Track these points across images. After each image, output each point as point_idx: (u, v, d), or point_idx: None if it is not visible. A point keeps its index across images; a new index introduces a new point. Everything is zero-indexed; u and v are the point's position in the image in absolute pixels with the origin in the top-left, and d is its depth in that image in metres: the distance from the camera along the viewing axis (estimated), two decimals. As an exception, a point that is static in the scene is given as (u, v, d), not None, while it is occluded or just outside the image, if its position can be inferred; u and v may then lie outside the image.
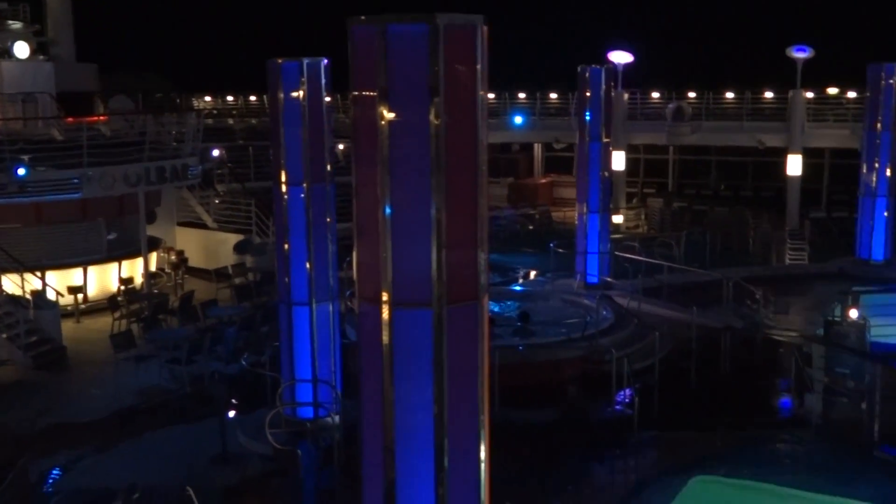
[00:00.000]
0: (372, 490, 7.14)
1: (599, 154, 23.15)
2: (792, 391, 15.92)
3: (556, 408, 15.38)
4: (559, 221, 32.99)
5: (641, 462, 13.74)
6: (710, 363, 17.27)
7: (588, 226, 23.29)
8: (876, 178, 25.58)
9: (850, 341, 17.18)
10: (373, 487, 7.12)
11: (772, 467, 13.38)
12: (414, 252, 6.76)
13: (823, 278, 24.73)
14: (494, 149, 38.24)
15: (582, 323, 18.20)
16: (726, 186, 37.36)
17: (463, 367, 6.96)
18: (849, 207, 28.60)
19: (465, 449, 7.05)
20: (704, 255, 26.05)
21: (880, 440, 13.70)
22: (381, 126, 6.73)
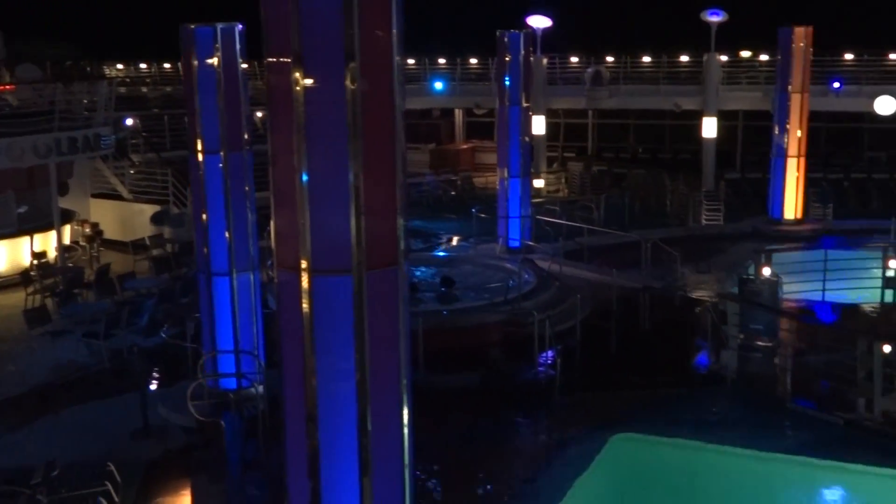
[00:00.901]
0: (295, 458, 7.13)
1: (519, 119, 23.26)
2: (709, 348, 16.32)
3: (479, 371, 15.52)
4: (481, 187, 33.09)
5: (564, 422, 13.95)
6: (629, 323, 17.62)
7: (509, 190, 23.45)
8: (787, 139, 26.25)
9: (764, 298, 17.68)
10: (296, 456, 7.11)
11: (690, 423, 13.72)
12: (332, 219, 6.72)
13: (738, 238, 25.37)
14: (415, 115, 38.10)
15: (504, 287, 18.36)
16: (644, 149, 37.90)
17: (384, 332, 6.97)
18: (761, 168, 29.29)
19: (387, 415, 7.08)
20: (623, 217, 26.48)
21: (793, 393, 14.15)
22: (297, 92, 6.64)
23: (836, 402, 13.86)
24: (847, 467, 12.42)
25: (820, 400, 14.06)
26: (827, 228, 25.95)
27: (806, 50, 25.82)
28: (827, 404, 13.87)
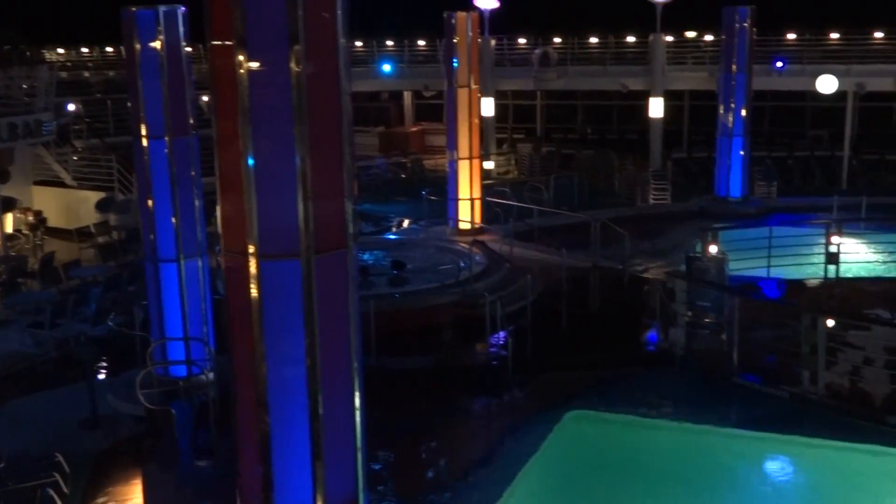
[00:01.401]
0: (246, 445, 7.09)
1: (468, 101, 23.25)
2: (658, 326, 16.51)
3: (432, 353, 15.54)
4: (431, 169, 33.05)
5: (517, 402, 14.05)
6: (580, 303, 17.76)
7: (459, 173, 23.44)
8: (732, 119, 26.57)
9: (711, 275, 17.91)
10: (247, 442, 7.07)
11: (641, 400, 13.91)
12: (279, 203, 6.67)
13: (685, 216, 25.68)
14: (363, 97, 37.90)
15: (455, 269, 18.38)
16: (592, 130, 38.13)
17: (334, 316, 6.94)
18: (708, 147, 29.64)
19: (339, 399, 7.06)
20: (573, 197, 26.64)
21: (740, 368, 14.38)
22: (241, 76, 6.57)
23: (782, 376, 14.13)
24: (792, 440, 12.69)
25: (766, 374, 14.31)
26: (772, 206, 26.38)
27: (749, 30, 26.12)
28: (773, 379, 14.13)
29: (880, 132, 33.26)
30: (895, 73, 29.13)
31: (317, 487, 6.97)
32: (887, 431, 12.57)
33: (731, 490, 11.94)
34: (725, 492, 11.85)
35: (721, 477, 12.20)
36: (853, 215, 23.52)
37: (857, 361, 14.63)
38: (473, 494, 11.13)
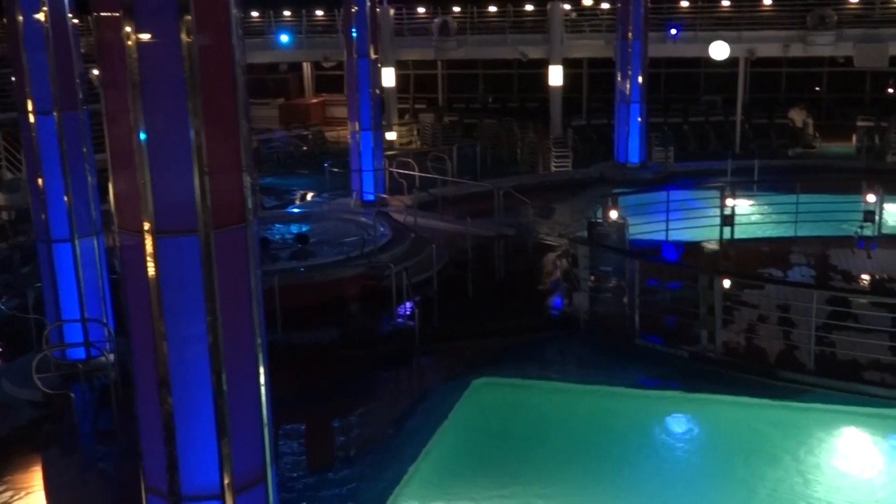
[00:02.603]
0: (149, 426, 6.95)
1: (368, 71, 23.07)
2: (561, 292, 16.78)
3: (339, 326, 15.47)
4: (333, 141, 32.76)
5: (425, 372, 14.13)
6: (485, 271, 17.90)
7: (361, 144, 23.32)
8: (629, 86, 27.05)
9: (612, 240, 18.27)
10: (150, 424, 6.93)
11: (547, 364, 14.15)
12: (174, 178, 6.50)
13: (586, 183, 26.10)
14: (261, 69, 37.22)
15: (360, 240, 18.30)
16: (494, 99, 38.28)
17: (235, 293, 6.83)
18: (607, 114, 30.10)
19: (243, 376, 6.97)
20: (476, 166, 26.76)
21: (641, 330, 14.73)
22: (129, 48, 6.35)
23: (682, 336, 14.54)
24: (692, 397, 13.10)
25: (666, 335, 14.71)
26: (669, 171, 27.00)
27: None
28: (673, 339, 14.53)
29: (770, 97, 34.30)
30: (783, 38, 30.00)
31: (223, 465, 6.89)
32: (780, 386, 13.08)
33: (636, 448, 12.25)
34: (631, 449, 12.15)
35: (626, 435, 12.51)
36: (746, 178, 24.27)
37: (752, 319, 15.18)
38: (384, 464, 11.17)
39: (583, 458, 11.85)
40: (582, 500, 10.97)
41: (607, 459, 11.79)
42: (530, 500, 10.90)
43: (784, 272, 18.28)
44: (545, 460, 11.80)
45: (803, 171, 26.23)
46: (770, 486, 11.11)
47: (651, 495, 11.10)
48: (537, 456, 11.90)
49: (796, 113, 30.87)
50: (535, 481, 11.24)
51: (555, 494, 10.99)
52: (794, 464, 11.58)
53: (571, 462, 11.76)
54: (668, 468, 11.95)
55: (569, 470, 11.57)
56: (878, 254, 19.21)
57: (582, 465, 11.66)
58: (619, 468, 11.64)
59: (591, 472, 11.52)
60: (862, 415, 12.42)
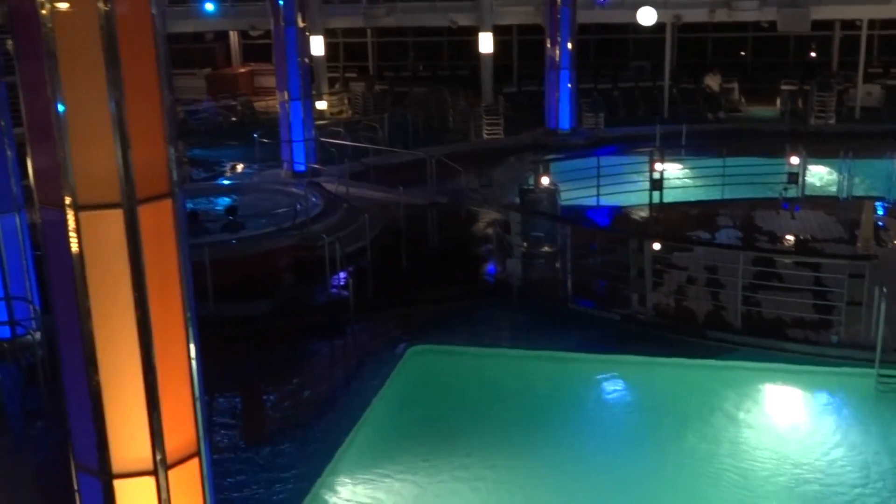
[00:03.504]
0: (78, 403, 6.82)
1: (296, 40, 22.73)
2: (495, 258, 16.87)
3: (272, 298, 15.36)
4: (262, 111, 32.27)
5: (360, 341, 14.12)
6: (419, 240, 17.91)
7: (291, 114, 23.00)
8: (559, 52, 27.13)
9: (544, 206, 18.42)
10: (78, 401, 6.80)
11: (481, 331, 14.26)
12: (95, 151, 6.35)
13: (518, 150, 26.18)
14: (186, 38, 36.41)
15: (292, 211, 18.14)
16: (424, 67, 38.08)
17: (162, 267, 6.71)
18: (537, 81, 30.15)
19: (173, 350, 6.88)
20: (407, 135, 26.65)
21: (573, 294, 14.92)
22: (44, 16, 6.15)
23: (613, 299, 14.76)
24: (624, 359, 13.33)
25: (598, 299, 14.92)
26: (599, 136, 27.22)
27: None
28: (604, 302, 14.74)
29: (697, 62, 34.73)
30: (709, 4, 30.32)
31: (155, 441, 6.81)
32: (709, 345, 13.38)
33: (570, 411, 12.45)
34: (565, 413, 12.34)
35: (560, 399, 12.69)
36: (674, 143, 24.61)
37: (681, 281, 15.47)
38: (320, 435, 11.17)
39: (518, 422, 12.00)
40: (518, 463, 11.12)
41: (542, 423, 11.96)
42: (468, 465, 11.01)
43: (712, 234, 18.65)
44: (481, 426, 11.92)
45: (729, 135, 26.68)
46: (701, 443, 11.40)
47: (587, 457, 11.31)
48: (474, 422, 12.02)
49: (712, 78, 31.33)
50: (473, 447, 11.36)
51: (492, 459, 11.12)
52: (723, 421, 11.89)
53: (507, 427, 11.90)
54: (602, 430, 12.18)
55: (505, 435, 11.72)
56: (801, 214, 19.69)
57: (517, 430, 11.81)
58: (554, 431, 11.83)
59: (526, 436, 11.68)
60: (787, 371, 12.79)
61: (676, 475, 10.83)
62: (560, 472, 10.97)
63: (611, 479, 10.77)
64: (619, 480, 10.71)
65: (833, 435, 11.58)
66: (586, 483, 10.71)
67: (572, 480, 10.79)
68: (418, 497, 10.51)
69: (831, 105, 28.50)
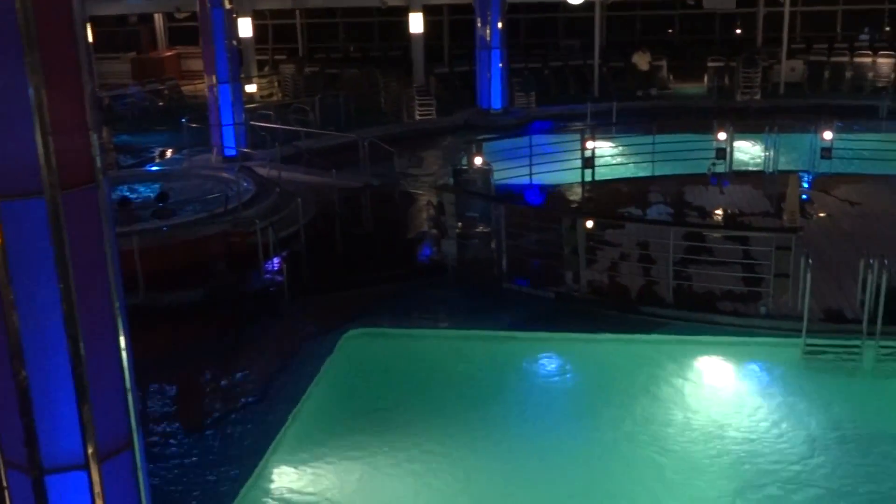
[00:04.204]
0: (3, 400, 6.65)
1: (223, 21, 22.37)
2: (430, 240, 16.87)
3: (205, 285, 15.14)
4: (191, 95, 31.76)
5: (296, 327, 14.00)
6: (353, 223, 17.82)
7: (220, 97, 22.68)
8: (490, 32, 27.16)
9: (477, 186, 18.46)
10: (4, 396, 6.63)
11: (418, 313, 14.25)
12: (15, 138, 6.17)
13: (451, 130, 26.19)
14: (109, 22, 35.61)
15: (223, 197, 17.90)
16: (355, 48, 37.80)
17: (88, 256, 6.57)
18: (468, 61, 30.16)
19: (102, 341, 6.74)
20: (339, 117, 26.47)
21: (509, 273, 14.99)
22: (-45, -1, 5.94)
23: (547, 277, 14.87)
24: (560, 336, 13.46)
25: (533, 277, 15.01)
26: (531, 116, 27.35)
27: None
28: (539, 281, 14.85)
29: (626, 40, 35.07)
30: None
31: (86, 434, 6.67)
32: (643, 320, 13.58)
33: (507, 390, 12.53)
34: (502, 392, 12.42)
35: (498, 378, 12.77)
36: (605, 121, 24.85)
37: (614, 258, 15.65)
38: (257, 423, 11.08)
39: (457, 403, 12.05)
40: (458, 444, 11.16)
41: (480, 403, 12.02)
42: (407, 448, 11.02)
43: (643, 211, 18.89)
44: (420, 408, 11.94)
45: (659, 112, 27.03)
46: (637, 417, 11.58)
47: (527, 436, 11.39)
48: (412, 405, 12.03)
49: (639, 57, 31.68)
50: (412, 430, 11.37)
51: (432, 442, 11.14)
52: (658, 394, 12.09)
53: (446, 408, 11.93)
54: (540, 408, 12.27)
55: (444, 416, 11.75)
56: (729, 189, 20.06)
57: (456, 411, 11.85)
58: (493, 411, 11.89)
59: (465, 416, 11.72)
60: (718, 343, 13.04)
61: (614, 449, 10.98)
62: (501, 452, 11.04)
63: (550, 456, 10.88)
64: (558, 457, 10.83)
65: (763, 404, 11.85)
66: (527, 461, 10.80)
67: (513, 460, 10.87)
68: (358, 483, 10.49)
69: (757, 81, 29.07)
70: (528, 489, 10.32)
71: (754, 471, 10.44)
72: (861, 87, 29.82)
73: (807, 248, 13.61)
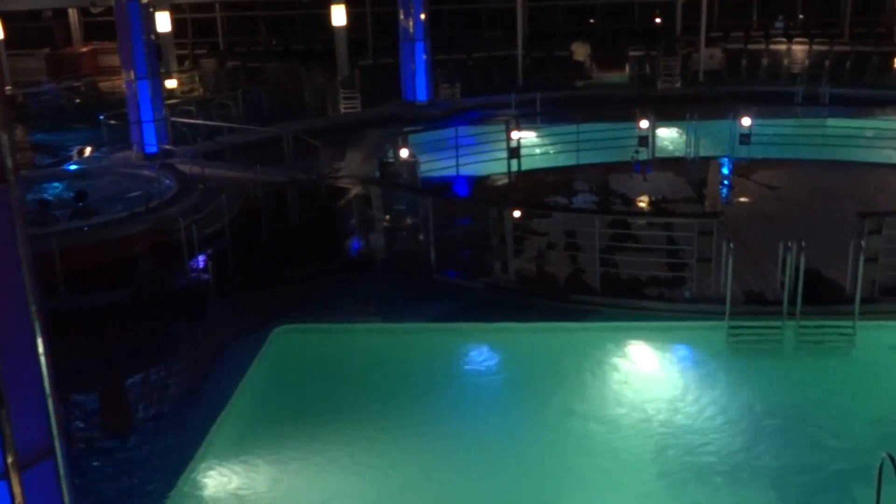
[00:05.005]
0: (-85, 411, 6.40)
1: (140, 16, 21.88)
2: (358, 234, 16.77)
3: (128, 285, 14.81)
4: (109, 92, 30.98)
5: (224, 325, 13.81)
6: (279, 218, 17.61)
7: (139, 94, 22.21)
8: (413, 24, 27.07)
9: (404, 179, 18.43)
10: (-85, 408, 6.38)
11: (346, 307, 14.15)
12: (-82, 139, 5.92)
13: (377, 123, 26.05)
14: (21, 17, 34.57)
15: (145, 195, 17.53)
16: (277, 41, 37.36)
17: (1, 259, 6.34)
18: (392, 53, 30.03)
19: (18, 347, 6.51)
20: (262, 112, 26.15)
21: (437, 265, 14.98)
22: None
23: (477, 268, 14.90)
24: (488, 326, 13.51)
25: (462, 268, 15.04)
26: (456, 107, 27.37)
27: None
28: (468, 272, 14.87)
29: (548, 30, 35.31)
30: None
31: (5, 443, 6.45)
32: (571, 308, 13.70)
33: (438, 381, 12.53)
34: (434, 384, 12.41)
35: (429, 370, 12.75)
36: (529, 110, 25.02)
37: (541, 247, 15.77)
38: (185, 424, 10.89)
39: (388, 397, 12.01)
40: (388, 439, 11.12)
41: (412, 396, 12.00)
42: (338, 444, 10.94)
43: (569, 199, 19.08)
44: (352, 403, 11.87)
45: (582, 101, 27.30)
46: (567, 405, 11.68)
47: (455, 427, 11.41)
48: (344, 400, 11.95)
49: (579, 46, 31.99)
50: (344, 426, 11.29)
51: (362, 437, 11.08)
52: (587, 381, 12.22)
53: (377, 402, 11.89)
54: (471, 398, 12.31)
55: (376, 410, 11.70)
56: (653, 176, 20.39)
57: (388, 405, 11.81)
58: (425, 403, 11.89)
59: (397, 410, 11.69)
60: (645, 329, 13.24)
61: (545, 437, 11.08)
62: (433, 444, 11.04)
63: (480, 446, 10.92)
64: (488, 447, 10.88)
65: (689, 385, 12.07)
66: (457, 452, 10.82)
67: (444, 451, 10.88)
68: (291, 482, 10.38)
69: (677, 69, 29.53)
70: (458, 480, 10.35)
71: (680, 451, 10.64)
72: (777, 73, 30.53)
73: (728, 232, 13.88)
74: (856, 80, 28.96)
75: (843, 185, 18.93)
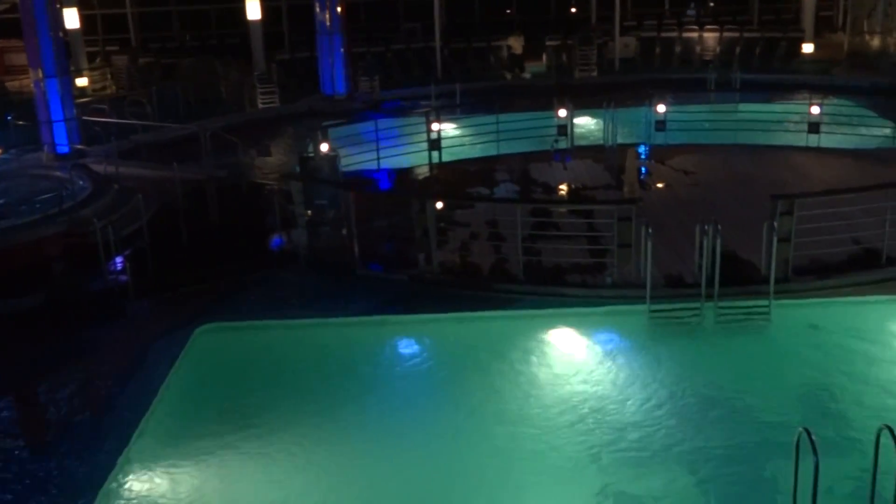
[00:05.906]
0: None
1: (46, 12, 21.28)
2: (279, 230, 16.60)
3: (43, 290, 14.41)
4: (16, 91, 30.10)
5: (144, 326, 13.53)
6: (199, 216, 17.33)
7: (48, 92, 21.66)
8: (329, 17, 26.90)
9: (325, 173, 18.29)
10: None
11: (270, 304, 14.00)
12: None
13: (295, 117, 25.85)
14: (-78, 16, 33.34)
15: (58, 197, 17.08)
16: (191, 36, 36.72)
17: None
18: (310, 47, 29.80)
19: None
20: (178, 109, 25.69)
21: (361, 259, 14.92)
22: None
23: (401, 261, 14.88)
24: (414, 318, 13.52)
25: (386, 261, 15.00)
26: (376, 100, 27.30)
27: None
28: (392, 265, 14.84)
29: (466, 22, 35.42)
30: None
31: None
32: (496, 297, 13.78)
33: (365, 375, 12.47)
34: (360, 378, 12.36)
35: (355, 364, 12.69)
36: (449, 102, 25.07)
37: (464, 237, 15.83)
38: (107, 430, 10.63)
39: (315, 393, 11.92)
40: (314, 435, 11.03)
41: (339, 391, 11.93)
42: (267, 442, 10.82)
43: (490, 189, 19.16)
44: (279, 400, 11.74)
45: (501, 91, 27.47)
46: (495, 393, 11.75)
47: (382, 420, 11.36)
48: (271, 397, 11.82)
49: (514, 40, 32.26)
50: (271, 424, 11.16)
51: (288, 434, 10.98)
52: (514, 369, 12.30)
53: (305, 398, 11.79)
54: (399, 391, 12.28)
55: (303, 406, 11.60)
56: (572, 164, 20.61)
57: (314, 401, 11.72)
58: (352, 397, 11.82)
59: (324, 405, 11.61)
60: (569, 315, 13.37)
61: (472, 426, 11.11)
62: (364, 438, 10.99)
63: (410, 438, 10.91)
64: (417, 438, 10.88)
65: (613, 368, 12.23)
66: (384, 445, 10.79)
67: (371, 445, 10.83)
68: (219, 484, 10.21)
69: (593, 58, 29.94)
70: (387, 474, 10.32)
71: (606, 433, 10.78)
72: (690, 60, 31.15)
73: (647, 217, 14.11)
74: (765, 66, 29.76)
75: (755, 168, 19.40)
